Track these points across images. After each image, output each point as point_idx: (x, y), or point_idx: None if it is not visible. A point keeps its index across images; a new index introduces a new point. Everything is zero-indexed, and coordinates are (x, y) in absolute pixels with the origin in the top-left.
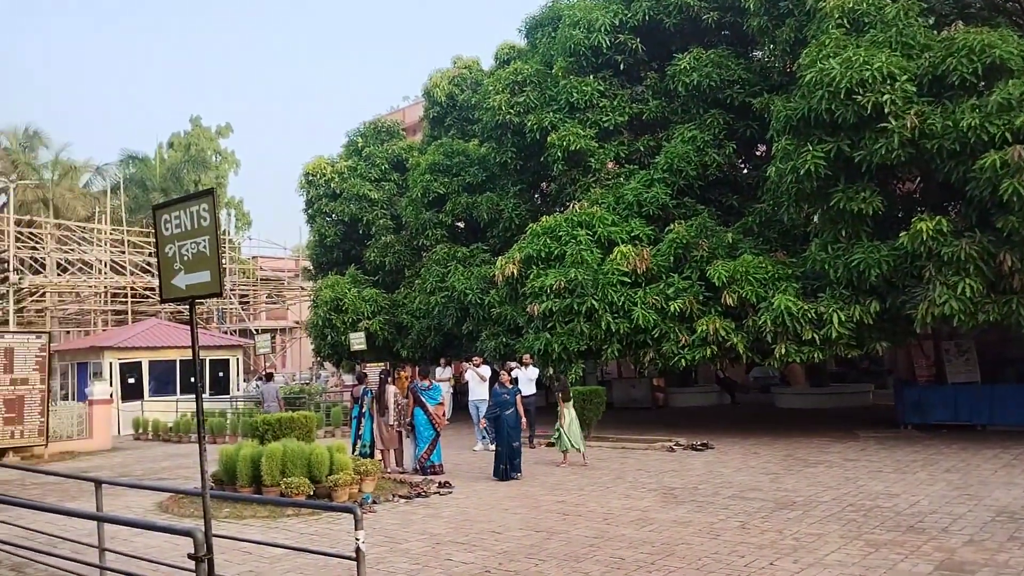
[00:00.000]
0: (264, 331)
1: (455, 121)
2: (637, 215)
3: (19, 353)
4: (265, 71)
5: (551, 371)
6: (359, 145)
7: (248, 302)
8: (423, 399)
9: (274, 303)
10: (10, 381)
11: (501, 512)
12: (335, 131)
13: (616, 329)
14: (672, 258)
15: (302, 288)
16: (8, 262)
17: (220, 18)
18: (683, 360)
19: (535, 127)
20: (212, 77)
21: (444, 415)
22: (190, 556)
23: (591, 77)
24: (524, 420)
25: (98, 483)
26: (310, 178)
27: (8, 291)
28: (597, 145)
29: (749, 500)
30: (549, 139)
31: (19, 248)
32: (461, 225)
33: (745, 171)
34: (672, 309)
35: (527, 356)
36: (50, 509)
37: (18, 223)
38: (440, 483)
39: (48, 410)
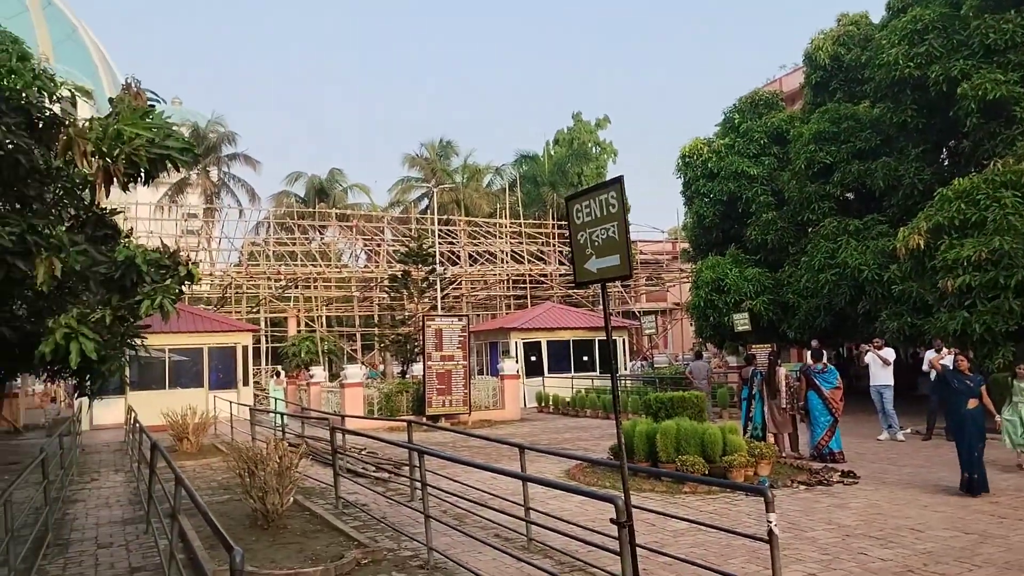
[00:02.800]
0: (646, 313)
1: (841, 84)
2: None
3: (446, 334)
4: (640, 60)
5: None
6: (735, 121)
7: (629, 285)
8: (817, 382)
9: (654, 285)
10: (440, 358)
11: (919, 508)
12: (709, 111)
13: None
14: None
15: (681, 270)
16: (435, 256)
17: (592, 19)
18: None
19: (941, 78)
20: (590, 73)
21: (841, 399)
22: (613, 521)
23: (1012, 12)
24: (996, 417)
25: (522, 448)
26: (686, 160)
27: (436, 281)
28: (1022, 91)
29: None
30: (959, 90)
31: (440, 243)
32: (851, 196)
33: None
34: None
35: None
36: (486, 468)
37: (438, 222)
38: (843, 471)
39: (470, 383)
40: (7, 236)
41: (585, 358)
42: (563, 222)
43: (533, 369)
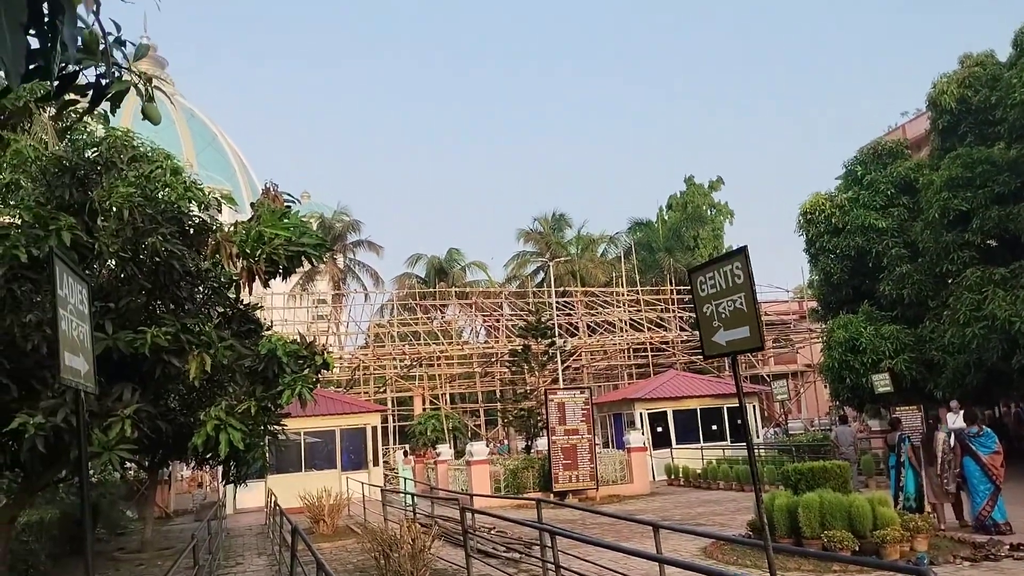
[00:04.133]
0: (776, 377)
1: (971, 127)
2: None
3: (569, 407)
4: (751, 118)
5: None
6: (858, 173)
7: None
8: (973, 447)
9: (782, 347)
10: (564, 431)
11: None
12: (826, 163)
13: None
14: None
15: (810, 330)
16: (554, 328)
17: (696, 79)
18: None
19: None
20: (700, 134)
21: (1001, 464)
22: None
23: None
24: None
25: (656, 527)
26: (808, 216)
27: (555, 353)
28: None
29: None
30: None
31: (557, 315)
32: (994, 243)
33: None
34: None
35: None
36: (618, 548)
37: (555, 295)
38: (1011, 544)
39: (596, 457)
40: (163, 336)
41: (714, 427)
42: (682, 287)
43: (660, 440)
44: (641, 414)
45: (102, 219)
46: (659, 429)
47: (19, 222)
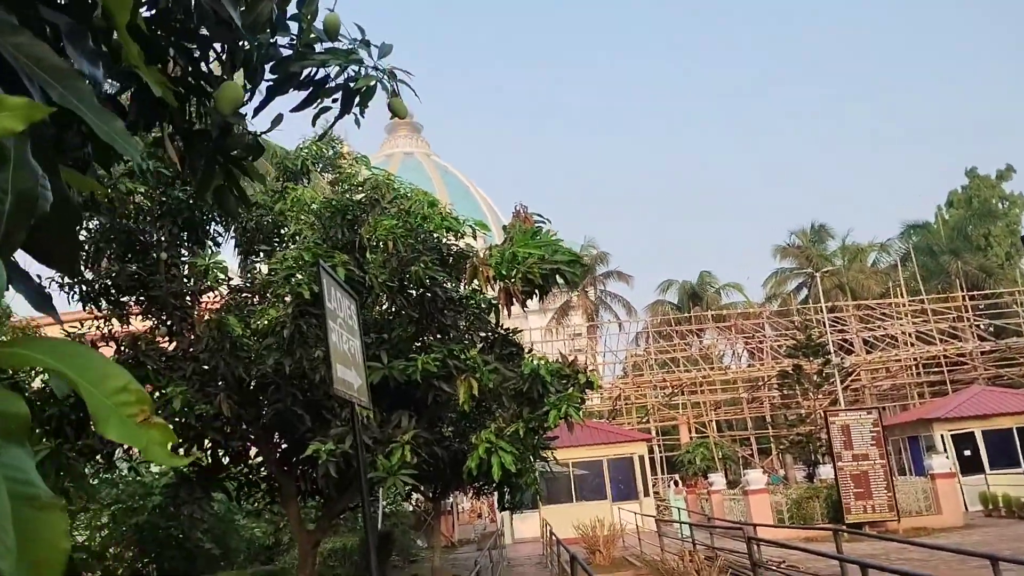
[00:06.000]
0: None
1: None
2: None
3: (855, 430)
4: None
5: None
6: None
7: None
8: None
9: None
10: (852, 457)
11: None
12: None
13: None
14: None
15: None
16: (828, 346)
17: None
18: None
19: None
20: (980, 120)
21: None
22: None
23: None
24: None
25: (994, 559)
26: None
27: (832, 373)
28: None
29: None
30: None
31: (829, 332)
32: None
33: None
34: None
35: None
36: None
37: (824, 310)
38: None
39: (893, 485)
40: (432, 363)
41: None
42: (976, 292)
43: (968, 466)
44: (942, 436)
45: (370, 253)
46: (966, 453)
47: (300, 263)
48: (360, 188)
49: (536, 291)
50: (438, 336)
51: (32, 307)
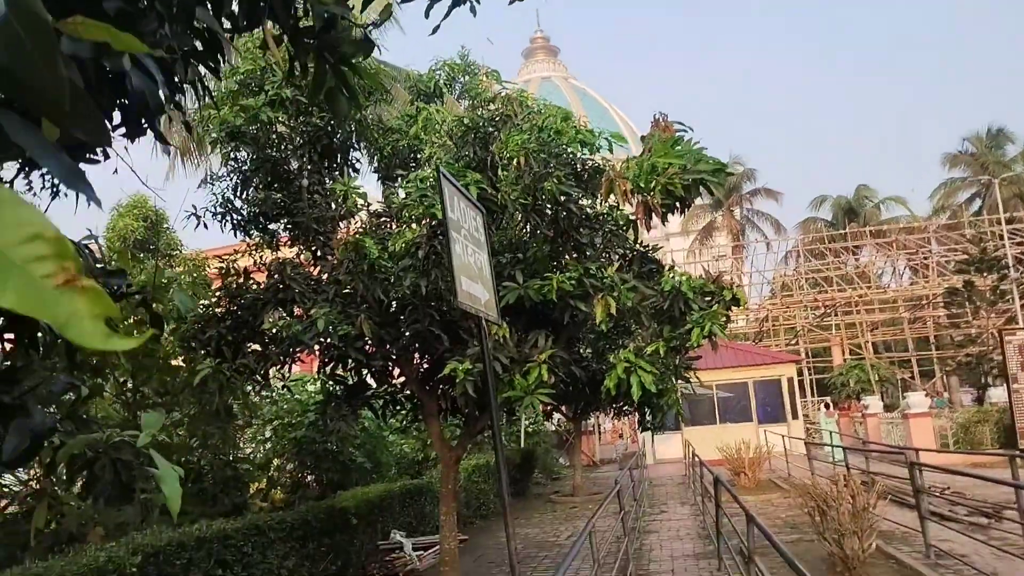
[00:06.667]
0: None
1: None
2: None
3: None
4: None
5: None
6: None
7: None
8: None
9: None
10: None
11: None
12: None
13: None
14: None
15: None
16: (1006, 260)
17: None
18: None
19: None
20: None
21: None
22: None
23: None
24: None
25: None
26: None
27: (1011, 288)
28: None
29: None
30: None
31: (1009, 245)
32: None
33: None
34: None
35: None
36: None
37: (1003, 222)
38: None
39: None
40: (568, 282)
41: None
42: None
43: None
44: None
45: (502, 171)
46: None
47: (433, 184)
48: (491, 104)
49: (677, 205)
50: (574, 255)
51: (64, 184)
